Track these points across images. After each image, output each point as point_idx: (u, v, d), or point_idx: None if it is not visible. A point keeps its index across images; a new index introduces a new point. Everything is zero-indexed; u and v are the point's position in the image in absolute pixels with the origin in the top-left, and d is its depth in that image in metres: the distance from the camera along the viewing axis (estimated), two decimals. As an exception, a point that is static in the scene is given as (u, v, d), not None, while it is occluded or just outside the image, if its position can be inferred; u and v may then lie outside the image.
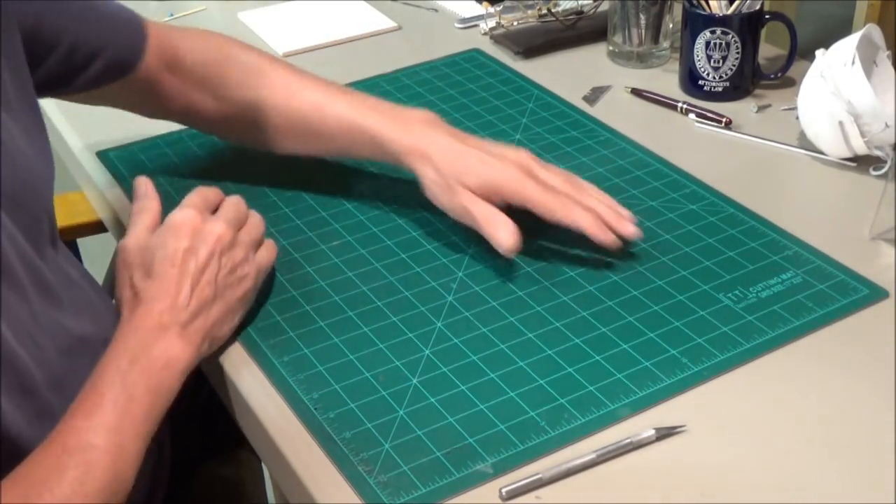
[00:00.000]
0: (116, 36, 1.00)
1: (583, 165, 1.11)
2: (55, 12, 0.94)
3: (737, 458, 0.77)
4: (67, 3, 0.96)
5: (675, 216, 1.02)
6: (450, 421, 0.80)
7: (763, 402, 0.82)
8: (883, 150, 1.05)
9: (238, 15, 1.49)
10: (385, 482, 0.76)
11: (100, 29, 0.99)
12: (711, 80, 1.21)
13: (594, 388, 0.83)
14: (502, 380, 0.84)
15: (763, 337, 0.87)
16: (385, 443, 0.79)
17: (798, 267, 0.94)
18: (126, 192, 1.10)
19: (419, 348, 0.88)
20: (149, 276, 0.85)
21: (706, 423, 0.80)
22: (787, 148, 1.13)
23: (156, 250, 0.86)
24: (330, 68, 1.34)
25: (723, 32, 1.18)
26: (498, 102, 1.24)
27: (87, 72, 0.99)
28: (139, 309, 0.83)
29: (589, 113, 1.21)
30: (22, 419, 0.77)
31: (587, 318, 0.90)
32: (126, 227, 1.06)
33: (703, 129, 1.18)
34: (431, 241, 1.00)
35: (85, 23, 0.97)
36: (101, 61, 0.99)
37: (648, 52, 1.31)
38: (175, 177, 1.12)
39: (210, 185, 0.94)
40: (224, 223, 0.88)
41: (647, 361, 0.85)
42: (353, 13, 1.48)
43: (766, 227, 1.00)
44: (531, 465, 0.77)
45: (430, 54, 1.36)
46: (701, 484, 0.75)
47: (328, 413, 0.82)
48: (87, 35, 0.97)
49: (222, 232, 0.87)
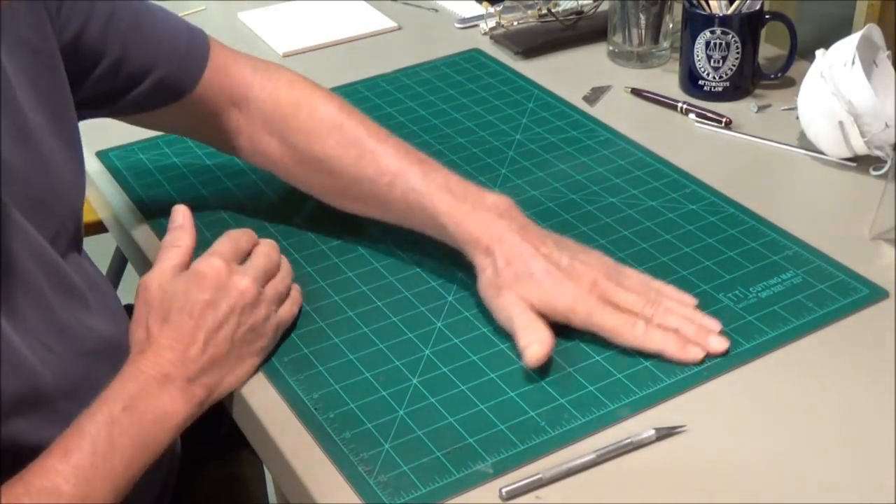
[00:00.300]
0: (172, 55, 0.96)
1: (583, 165, 1.11)
2: (102, 22, 0.91)
3: (737, 458, 0.77)
4: (119, 14, 0.92)
5: (675, 216, 1.02)
6: (450, 421, 0.80)
7: (763, 401, 0.82)
8: (883, 150, 1.05)
9: (238, 15, 1.49)
10: (385, 482, 0.76)
11: (152, 45, 0.95)
12: (711, 80, 1.21)
13: (594, 388, 0.83)
14: (502, 380, 0.84)
15: (763, 337, 0.87)
16: (385, 443, 0.79)
17: (798, 267, 0.94)
18: (126, 192, 1.10)
19: (419, 348, 0.88)
20: (165, 322, 0.81)
21: (706, 423, 0.80)
22: (787, 148, 1.13)
23: (175, 297, 0.82)
24: (330, 68, 1.34)
25: (723, 32, 1.18)
26: (498, 102, 1.24)
27: (135, 91, 0.95)
28: (148, 354, 0.80)
29: (589, 113, 1.21)
30: (28, 425, 0.77)
31: (587, 318, 0.90)
32: (126, 227, 1.07)
33: (703, 129, 1.18)
34: (432, 241, 1.00)
35: (136, 37, 0.93)
36: (152, 80, 0.95)
37: (648, 52, 1.31)
38: (175, 177, 1.12)
39: (241, 229, 0.90)
40: (250, 279, 0.84)
41: (647, 361, 0.85)
42: (353, 13, 1.48)
43: (766, 227, 1.00)
44: (531, 465, 0.77)
45: (430, 54, 1.36)
46: (701, 484, 0.75)
47: (328, 413, 0.82)
48: (138, 50, 0.94)
49: (246, 288, 0.83)
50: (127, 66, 0.93)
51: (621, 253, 0.97)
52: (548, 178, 1.09)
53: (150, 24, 0.95)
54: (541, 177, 1.10)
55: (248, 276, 0.84)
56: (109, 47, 0.92)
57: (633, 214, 1.03)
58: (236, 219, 1.05)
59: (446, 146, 1.16)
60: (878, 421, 0.79)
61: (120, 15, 0.92)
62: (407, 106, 1.24)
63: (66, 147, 0.87)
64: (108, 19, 0.91)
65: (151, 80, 0.95)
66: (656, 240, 0.99)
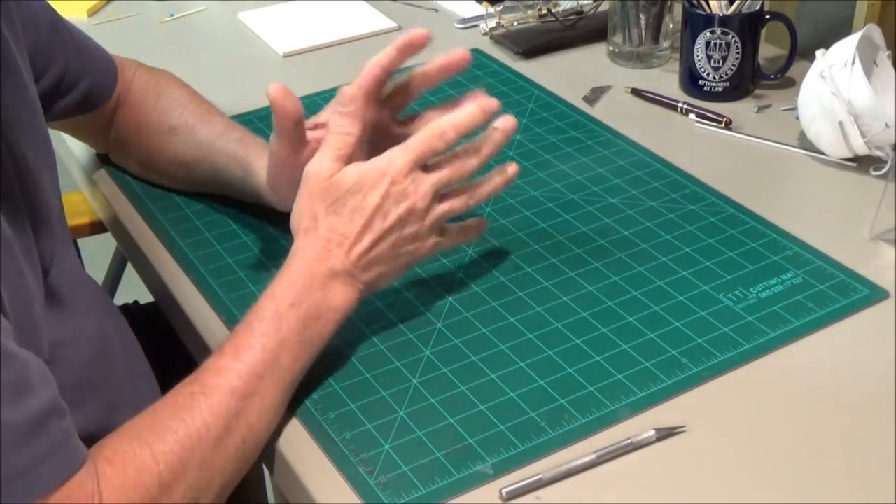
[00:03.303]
0: (95, 68, 1.03)
1: (583, 166, 1.11)
2: (56, 34, 0.97)
3: (737, 458, 0.77)
4: (65, 29, 0.99)
5: (676, 216, 1.02)
6: (450, 421, 0.80)
7: (763, 402, 0.82)
8: (883, 150, 1.05)
9: (238, 15, 1.49)
10: (385, 483, 0.76)
11: (85, 59, 1.01)
12: (711, 80, 1.21)
13: (594, 389, 0.83)
14: (502, 380, 0.84)
15: (763, 337, 0.87)
16: (385, 443, 0.79)
17: (798, 267, 0.94)
18: (126, 192, 1.10)
19: (419, 349, 0.88)
20: (335, 214, 0.84)
21: (706, 423, 0.80)
22: (787, 148, 1.13)
23: (349, 192, 0.83)
24: (330, 68, 1.34)
25: (723, 32, 1.18)
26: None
27: (66, 99, 1.01)
28: (316, 246, 0.83)
29: (589, 113, 1.21)
30: None
31: (587, 318, 0.90)
32: (126, 229, 1.07)
33: (703, 130, 1.18)
34: (431, 242, 1.00)
35: (75, 51, 1.00)
36: (80, 90, 1.01)
37: (648, 53, 1.31)
38: (175, 177, 1.12)
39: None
40: (425, 191, 0.84)
41: (647, 362, 0.85)
42: (353, 13, 1.48)
43: (766, 227, 1.00)
44: (531, 465, 0.77)
45: (430, 54, 1.36)
46: (701, 484, 0.75)
47: (328, 414, 0.82)
48: (75, 62, 1.00)
49: (417, 199, 0.84)
50: (67, 74, 1.00)
51: (621, 253, 0.97)
52: (548, 178, 1.09)
53: (84, 37, 1.03)
54: (541, 177, 1.10)
55: (424, 187, 0.84)
56: (59, 57, 0.98)
57: (633, 215, 1.03)
58: (236, 219, 1.05)
59: (446, 146, 1.16)
60: (878, 421, 0.79)
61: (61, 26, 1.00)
62: (407, 106, 1.24)
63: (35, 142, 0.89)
64: (61, 31, 0.98)
65: (80, 89, 1.02)
66: (656, 240, 0.99)
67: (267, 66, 1.37)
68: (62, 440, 0.69)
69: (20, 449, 0.66)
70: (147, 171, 1.10)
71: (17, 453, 0.65)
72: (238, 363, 0.78)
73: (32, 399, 0.67)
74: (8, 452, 0.65)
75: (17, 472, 0.65)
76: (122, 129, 1.08)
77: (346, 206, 0.84)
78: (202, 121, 1.04)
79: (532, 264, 0.96)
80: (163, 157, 1.06)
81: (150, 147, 1.07)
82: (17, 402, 0.66)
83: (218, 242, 1.01)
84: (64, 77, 0.99)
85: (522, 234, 1.01)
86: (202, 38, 1.45)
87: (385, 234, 0.84)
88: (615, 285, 0.93)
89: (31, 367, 0.69)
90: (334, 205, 0.84)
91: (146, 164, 1.09)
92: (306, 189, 0.85)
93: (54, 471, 0.68)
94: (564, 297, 0.92)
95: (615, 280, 0.94)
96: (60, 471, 0.68)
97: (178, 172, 1.06)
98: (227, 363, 0.78)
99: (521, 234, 1.01)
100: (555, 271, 0.95)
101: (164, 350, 1.08)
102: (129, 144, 1.09)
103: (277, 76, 1.33)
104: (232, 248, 1.01)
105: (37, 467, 0.66)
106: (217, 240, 1.02)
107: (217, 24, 1.48)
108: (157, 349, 1.05)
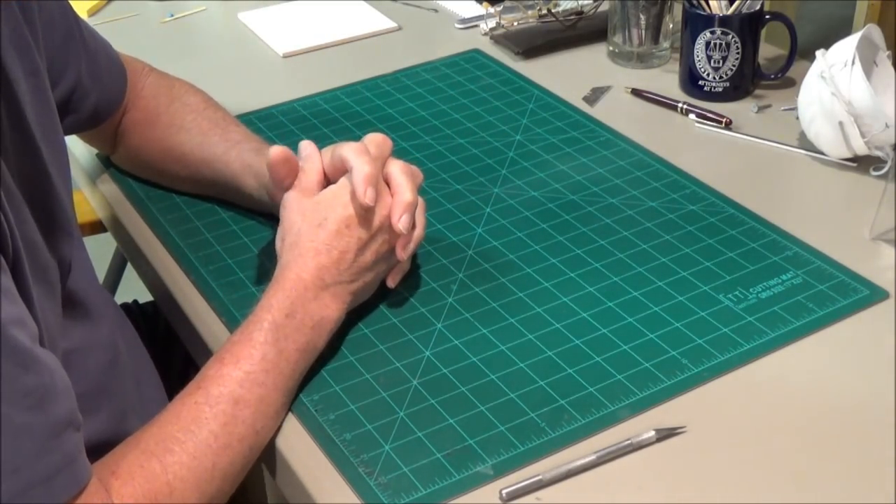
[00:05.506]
0: (104, 81, 1.02)
1: (583, 166, 1.11)
2: (70, 42, 0.96)
3: (737, 458, 0.77)
4: (79, 40, 0.98)
5: (675, 217, 1.02)
6: (450, 422, 0.80)
7: (763, 402, 0.82)
8: (883, 151, 1.05)
9: (238, 15, 1.49)
10: (385, 484, 0.76)
11: (95, 73, 1.00)
12: (711, 80, 1.21)
13: (594, 390, 0.83)
14: (502, 381, 0.84)
15: (763, 338, 0.87)
16: (385, 444, 0.79)
17: (798, 267, 0.94)
18: (126, 192, 1.10)
19: (419, 350, 0.88)
20: (320, 227, 0.86)
21: (706, 423, 0.80)
22: (787, 148, 1.13)
23: (329, 206, 0.87)
24: (330, 69, 1.34)
25: (723, 33, 1.18)
26: (498, 103, 1.24)
27: (75, 115, 1.00)
28: (305, 258, 0.85)
29: (589, 113, 1.21)
30: None
31: (587, 319, 0.90)
32: (126, 229, 1.07)
33: (703, 130, 1.18)
34: (432, 243, 1.00)
35: (87, 63, 0.99)
36: (89, 105, 1.00)
37: (648, 53, 1.31)
38: (175, 178, 1.12)
39: None
40: None
41: (647, 362, 0.85)
42: (353, 13, 1.48)
43: (766, 227, 1.00)
44: (531, 466, 0.77)
45: (430, 55, 1.36)
46: (701, 484, 0.75)
47: (328, 414, 0.82)
48: (86, 76, 0.99)
49: None
50: (79, 87, 0.98)
51: (621, 254, 0.97)
52: (548, 178, 1.09)
53: (99, 47, 1.02)
54: (541, 177, 1.10)
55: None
56: (72, 67, 0.97)
57: (633, 215, 1.03)
58: (236, 219, 1.05)
59: (446, 147, 1.16)
60: (878, 421, 0.79)
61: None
62: (407, 107, 1.24)
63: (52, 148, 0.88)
64: (77, 39, 0.97)
65: (91, 102, 1.01)
66: (656, 240, 0.99)
67: (267, 66, 1.37)
68: (75, 453, 0.69)
69: (41, 457, 0.66)
70: (149, 170, 1.09)
71: (37, 461, 0.65)
72: (239, 371, 0.79)
73: (56, 407, 0.67)
74: (30, 458, 0.65)
75: (40, 480, 0.65)
76: (129, 131, 1.07)
77: (328, 220, 0.87)
78: (217, 127, 1.04)
79: (532, 265, 0.96)
80: (169, 156, 1.06)
81: (157, 146, 1.06)
82: (42, 408, 0.66)
83: (218, 243, 1.01)
84: (75, 91, 0.98)
85: (522, 234, 1.01)
86: (202, 39, 1.45)
87: (370, 239, 0.87)
88: (615, 286, 0.93)
89: (56, 375, 0.69)
90: (319, 219, 0.87)
91: (149, 163, 1.08)
92: (286, 211, 0.89)
93: (71, 481, 0.67)
94: (564, 298, 0.92)
95: (615, 280, 0.94)
96: (74, 483, 0.68)
97: (183, 173, 1.06)
98: (228, 372, 0.79)
99: (521, 234, 1.01)
100: (555, 272, 0.96)
101: (163, 350, 1.08)
102: (135, 145, 1.08)
103: (277, 76, 1.34)
104: (232, 249, 1.01)
105: (52, 478, 0.66)
106: (217, 240, 1.02)
107: (217, 24, 1.48)
108: (157, 349, 1.05)
